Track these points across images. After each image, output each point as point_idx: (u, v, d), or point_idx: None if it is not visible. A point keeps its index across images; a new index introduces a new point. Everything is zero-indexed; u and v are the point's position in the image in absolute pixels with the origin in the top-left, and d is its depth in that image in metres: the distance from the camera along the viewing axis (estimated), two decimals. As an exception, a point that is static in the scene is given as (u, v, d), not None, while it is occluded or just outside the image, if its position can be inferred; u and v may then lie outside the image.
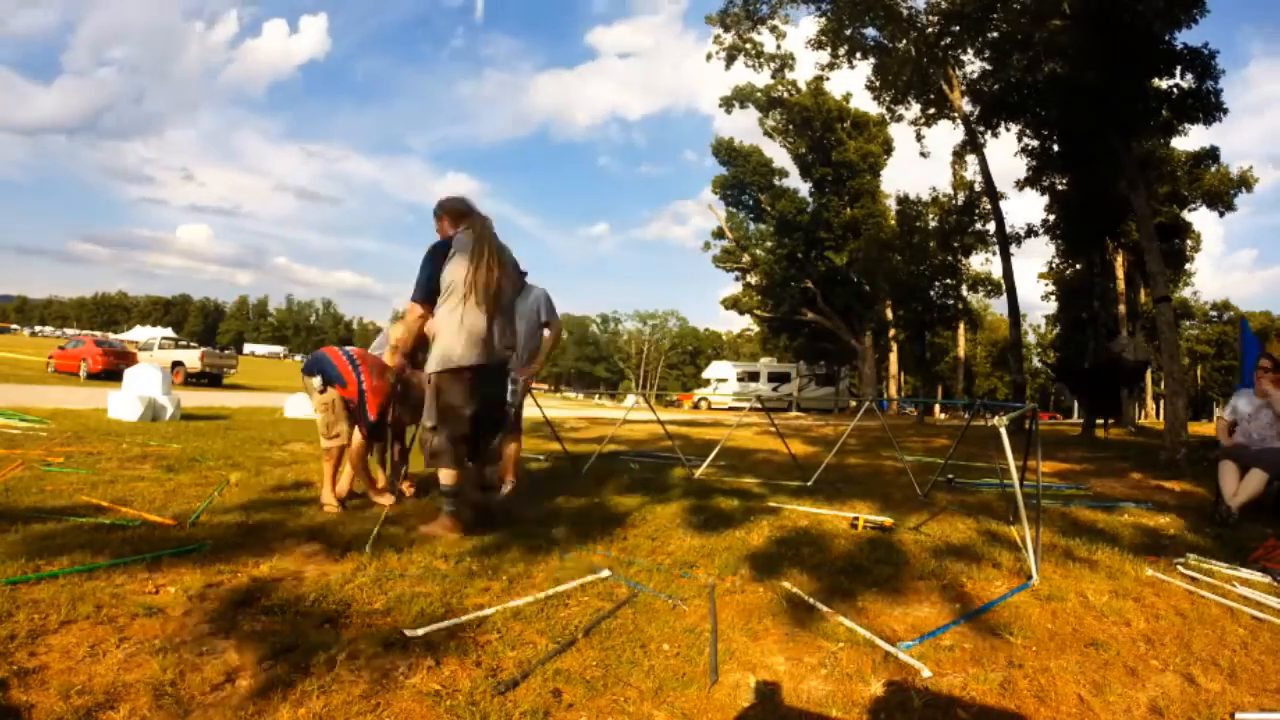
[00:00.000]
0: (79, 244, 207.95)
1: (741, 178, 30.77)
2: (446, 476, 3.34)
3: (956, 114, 16.15)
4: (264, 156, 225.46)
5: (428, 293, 3.32)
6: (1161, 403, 16.17)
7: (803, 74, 22.81)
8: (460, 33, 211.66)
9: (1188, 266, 27.90)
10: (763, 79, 23.75)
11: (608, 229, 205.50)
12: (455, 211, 3.49)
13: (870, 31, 15.26)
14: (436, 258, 3.31)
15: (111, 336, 37.75)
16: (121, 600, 2.18)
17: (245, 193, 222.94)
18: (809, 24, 15.82)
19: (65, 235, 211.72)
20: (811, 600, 2.58)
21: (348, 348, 3.89)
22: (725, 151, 30.70)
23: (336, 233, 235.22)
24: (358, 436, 3.73)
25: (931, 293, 24.48)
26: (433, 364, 3.32)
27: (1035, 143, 14.16)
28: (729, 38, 17.33)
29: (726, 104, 25.64)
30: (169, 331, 34.43)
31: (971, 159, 18.16)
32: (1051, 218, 16.37)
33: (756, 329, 43.17)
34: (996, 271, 25.69)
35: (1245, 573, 3.08)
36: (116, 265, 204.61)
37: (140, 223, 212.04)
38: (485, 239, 3.35)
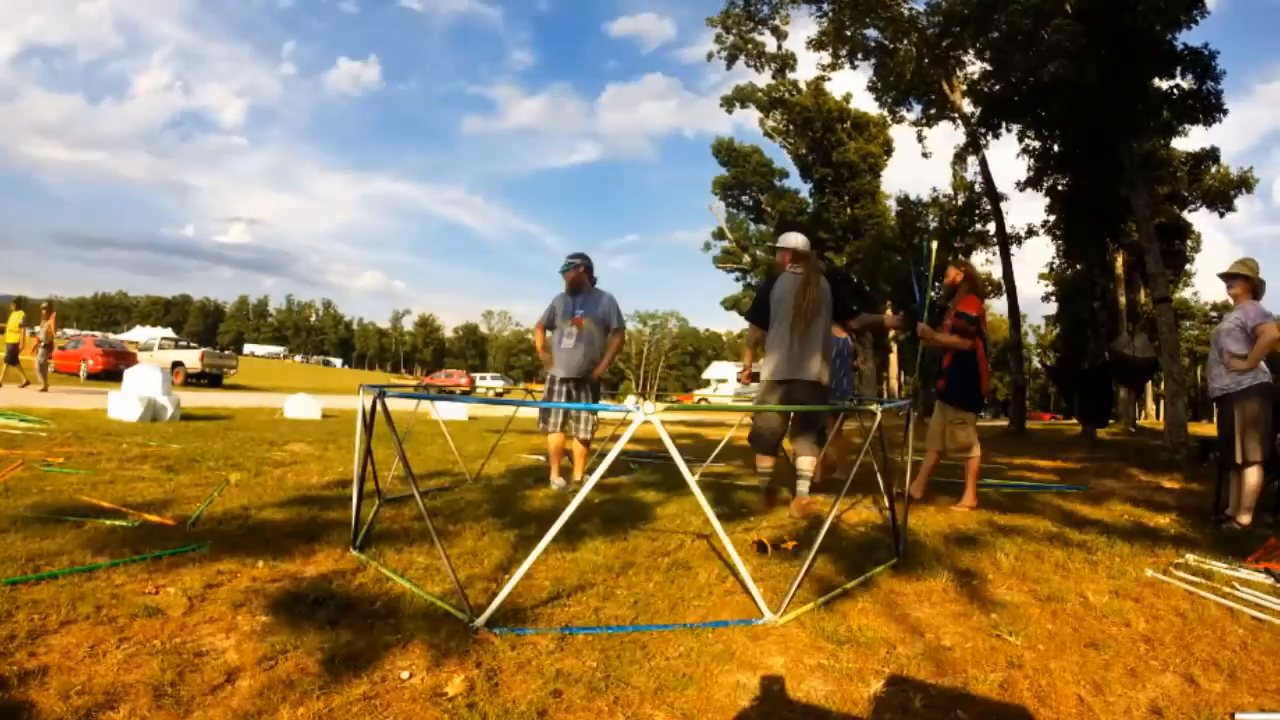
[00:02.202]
0: (116, 250, 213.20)
1: (742, 178, 30.74)
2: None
3: (957, 115, 16.15)
4: (311, 180, 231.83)
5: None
6: (1161, 403, 16.15)
7: (804, 74, 22.85)
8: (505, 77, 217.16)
9: (1188, 267, 27.85)
10: (764, 79, 23.81)
11: (636, 239, 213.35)
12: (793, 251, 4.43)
13: (871, 32, 15.27)
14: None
15: (111, 336, 37.71)
16: (121, 600, 2.18)
17: (285, 208, 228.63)
18: (810, 25, 15.79)
19: (101, 236, 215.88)
20: (812, 600, 2.58)
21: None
22: (725, 152, 30.68)
23: (371, 246, 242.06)
24: None
25: (932, 293, 24.48)
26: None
27: (1036, 144, 14.17)
28: (730, 38, 17.34)
29: (727, 104, 25.66)
30: (169, 332, 34.39)
31: (972, 160, 18.17)
32: (1052, 218, 16.38)
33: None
34: (997, 272, 25.66)
35: (1245, 573, 3.08)
36: (139, 267, 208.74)
37: (175, 226, 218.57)
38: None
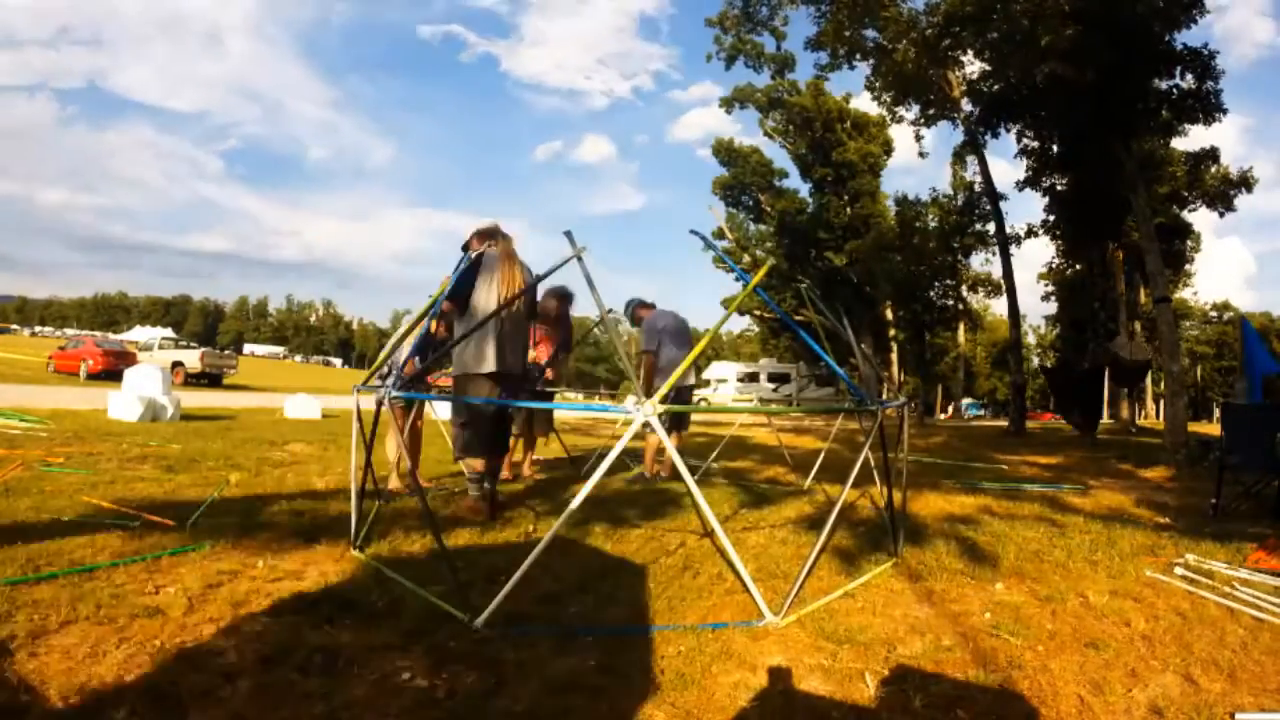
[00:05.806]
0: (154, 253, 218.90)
1: (741, 178, 30.75)
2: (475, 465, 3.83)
3: (957, 114, 16.16)
4: (372, 213, 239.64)
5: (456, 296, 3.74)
6: (1161, 403, 16.15)
7: (803, 74, 22.88)
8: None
9: (1188, 267, 27.82)
10: (763, 80, 23.84)
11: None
12: (483, 232, 4.00)
13: (870, 33, 15.25)
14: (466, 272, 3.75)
15: (111, 336, 37.70)
16: (121, 600, 2.18)
17: (333, 233, 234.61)
18: (809, 25, 15.71)
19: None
20: (811, 600, 2.58)
21: None
22: (725, 152, 30.69)
23: (408, 263, 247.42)
24: None
25: (931, 293, 24.47)
26: (457, 368, 3.79)
27: (1035, 144, 14.15)
28: (729, 39, 17.34)
29: (726, 105, 25.68)
30: (169, 332, 34.37)
31: (971, 159, 18.18)
32: (1051, 218, 16.37)
33: (756, 329, 43.09)
34: (996, 272, 25.66)
35: (1245, 573, 3.08)
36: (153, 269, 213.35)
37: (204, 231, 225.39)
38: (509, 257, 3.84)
